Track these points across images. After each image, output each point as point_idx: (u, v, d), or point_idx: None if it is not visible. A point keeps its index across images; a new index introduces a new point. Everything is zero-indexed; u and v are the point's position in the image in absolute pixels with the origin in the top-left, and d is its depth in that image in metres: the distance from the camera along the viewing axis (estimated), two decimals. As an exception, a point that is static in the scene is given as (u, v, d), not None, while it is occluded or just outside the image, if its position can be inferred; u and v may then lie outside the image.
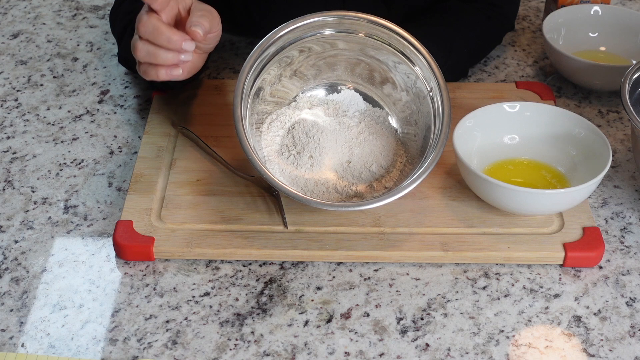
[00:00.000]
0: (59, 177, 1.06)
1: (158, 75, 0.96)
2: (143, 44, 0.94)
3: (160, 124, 1.10)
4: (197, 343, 0.86)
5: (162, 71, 0.95)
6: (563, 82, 1.23)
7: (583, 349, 0.85)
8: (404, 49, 1.01)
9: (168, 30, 0.93)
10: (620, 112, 1.17)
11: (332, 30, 1.01)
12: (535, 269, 0.94)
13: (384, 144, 1.03)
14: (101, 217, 1.00)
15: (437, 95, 0.99)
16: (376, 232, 0.95)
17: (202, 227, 0.96)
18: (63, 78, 1.24)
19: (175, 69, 0.96)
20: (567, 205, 0.95)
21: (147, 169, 1.03)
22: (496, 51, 1.29)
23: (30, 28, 1.36)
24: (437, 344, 0.86)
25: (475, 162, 1.00)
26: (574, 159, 1.01)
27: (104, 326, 0.87)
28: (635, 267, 0.94)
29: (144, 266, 0.94)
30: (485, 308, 0.89)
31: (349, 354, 0.85)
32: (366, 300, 0.90)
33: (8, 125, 1.15)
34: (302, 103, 1.06)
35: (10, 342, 0.86)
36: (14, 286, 0.92)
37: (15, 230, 0.99)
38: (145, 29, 0.93)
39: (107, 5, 1.41)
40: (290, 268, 0.94)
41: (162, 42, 0.93)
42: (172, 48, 0.94)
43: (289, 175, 0.99)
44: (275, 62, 1.01)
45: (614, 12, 1.26)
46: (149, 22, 0.93)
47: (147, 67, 0.96)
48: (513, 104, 1.03)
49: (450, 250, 0.93)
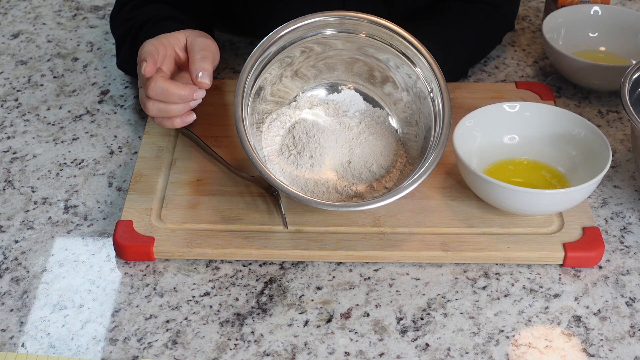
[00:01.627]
0: (59, 177, 1.06)
1: (174, 125, 0.99)
2: (153, 104, 0.96)
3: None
4: (197, 343, 0.86)
5: (177, 120, 0.98)
6: (563, 82, 1.23)
7: (583, 349, 0.85)
8: (405, 49, 1.01)
9: (177, 89, 0.95)
10: (620, 112, 1.17)
11: (333, 30, 1.01)
12: (535, 269, 0.94)
13: (385, 144, 1.03)
14: (101, 217, 1.01)
15: (437, 96, 0.99)
16: (376, 232, 0.96)
17: (202, 227, 0.96)
18: (63, 78, 1.24)
19: (189, 115, 0.99)
20: (567, 205, 0.95)
21: (147, 169, 1.03)
22: (496, 51, 1.29)
23: (30, 28, 1.36)
24: (437, 344, 0.86)
25: (475, 162, 1.00)
26: (574, 159, 1.01)
27: (104, 326, 0.87)
28: (635, 267, 0.94)
29: (144, 266, 0.94)
30: (485, 308, 0.90)
31: (349, 354, 0.85)
32: (366, 300, 0.90)
33: (8, 125, 1.15)
34: (303, 103, 1.06)
35: (10, 342, 0.86)
36: (14, 286, 0.92)
37: (16, 230, 0.99)
38: (154, 92, 0.95)
39: (107, 5, 1.41)
40: (290, 268, 0.94)
41: (173, 100, 0.96)
42: (184, 102, 0.96)
43: (289, 175, 0.99)
44: (276, 61, 1.01)
45: (613, 12, 1.26)
46: (156, 86, 0.95)
47: (162, 120, 0.98)
48: (513, 104, 1.03)
49: (450, 250, 0.93)
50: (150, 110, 0.96)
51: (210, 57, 0.98)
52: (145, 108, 0.97)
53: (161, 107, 0.96)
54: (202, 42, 0.99)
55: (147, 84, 0.95)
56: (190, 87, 0.96)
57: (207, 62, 0.97)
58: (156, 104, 0.96)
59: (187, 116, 0.98)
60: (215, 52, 1.01)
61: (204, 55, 0.97)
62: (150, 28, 1.07)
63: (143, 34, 1.07)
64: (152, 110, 0.96)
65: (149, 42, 0.98)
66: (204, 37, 1.01)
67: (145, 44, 0.98)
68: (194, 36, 1.00)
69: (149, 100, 0.96)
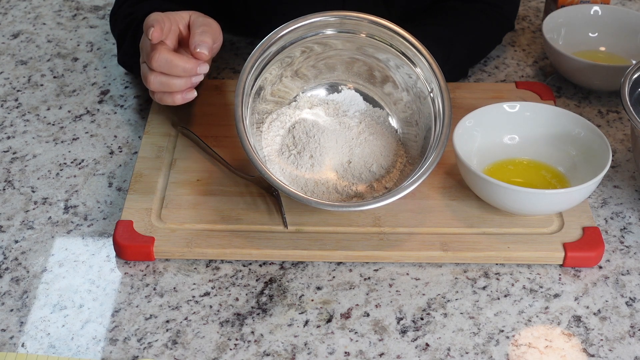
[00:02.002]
0: (59, 177, 1.06)
1: (174, 101, 0.98)
2: (155, 76, 0.95)
3: (160, 124, 1.10)
4: (197, 343, 0.86)
5: (177, 97, 0.97)
6: (563, 82, 1.23)
7: (583, 349, 0.85)
8: (406, 49, 1.01)
9: (181, 61, 0.95)
10: (620, 112, 1.17)
11: (333, 30, 1.01)
12: (535, 269, 0.94)
13: (385, 144, 1.03)
14: (101, 217, 1.01)
15: (437, 96, 0.99)
16: (376, 232, 0.96)
17: (202, 227, 0.96)
18: (63, 78, 1.24)
19: (190, 92, 0.98)
20: (567, 205, 0.95)
21: (147, 169, 1.03)
22: (496, 51, 1.29)
23: (30, 28, 1.36)
24: (437, 344, 0.86)
25: (475, 162, 1.00)
26: (573, 159, 1.01)
27: (104, 326, 0.87)
28: (635, 267, 0.94)
29: (144, 266, 0.94)
30: (485, 308, 0.89)
31: (349, 354, 0.85)
32: (366, 300, 0.90)
33: (8, 125, 1.15)
34: (303, 103, 1.06)
35: (10, 342, 0.86)
36: (14, 286, 0.92)
37: (16, 230, 0.99)
38: (158, 64, 0.94)
39: (107, 5, 1.41)
40: (290, 268, 0.94)
41: (176, 73, 0.95)
42: (186, 76, 0.95)
43: (289, 175, 0.99)
44: (276, 61, 1.01)
45: (613, 12, 1.26)
46: (160, 57, 0.94)
47: (162, 95, 0.98)
48: (513, 104, 1.03)
49: (450, 250, 0.93)
50: (152, 83, 0.96)
51: (210, 32, 0.98)
52: (146, 81, 0.96)
53: (163, 80, 0.95)
54: (204, 20, 0.99)
55: (151, 54, 0.94)
56: (194, 60, 0.95)
57: (207, 35, 0.97)
58: (158, 76, 0.95)
59: (189, 92, 0.97)
60: (217, 31, 1.00)
61: (203, 30, 0.97)
62: None
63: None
64: (154, 83, 0.96)
65: (156, 13, 0.98)
66: (207, 17, 1.01)
67: (152, 14, 0.97)
68: (197, 15, 1.00)
69: (152, 73, 0.95)
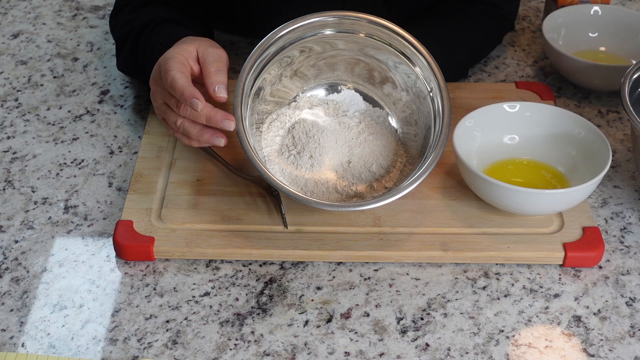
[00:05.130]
0: (59, 177, 1.06)
1: (192, 145, 0.99)
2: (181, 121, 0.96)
3: (160, 124, 1.10)
4: (197, 343, 0.86)
5: (195, 143, 0.98)
6: (563, 82, 1.23)
7: (583, 349, 0.85)
8: (405, 49, 1.01)
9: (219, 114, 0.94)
10: (620, 112, 1.17)
11: (332, 30, 1.01)
12: (535, 269, 0.94)
13: (384, 144, 1.03)
14: (101, 217, 1.01)
15: (437, 95, 0.99)
16: (376, 232, 0.96)
17: (202, 227, 0.96)
18: (63, 78, 1.24)
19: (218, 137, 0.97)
20: (567, 205, 0.95)
21: (147, 169, 1.03)
22: (496, 51, 1.29)
23: (30, 28, 1.36)
24: (437, 344, 0.86)
25: (475, 162, 1.00)
26: (574, 159, 1.01)
27: (104, 326, 0.87)
28: (635, 267, 0.94)
29: (144, 266, 0.94)
30: (485, 308, 0.89)
31: (349, 354, 0.85)
32: (366, 300, 0.90)
33: (8, 125, 1.15)
34: (302, 103, 1.06)
35: (10, 342, 0.86)
36: (14, 286, 0.92)
37: (16, 230, 0.99)
38: (185, 112, 0.95)
39: (107, 5, 1.41)
40: (290, 268, 0.94)
41: (201, 121, 0.95)
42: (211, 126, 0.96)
43: (289, 175, 0.99)
44: (275, 62, 1.01)
45: (613, 12, 1.26)
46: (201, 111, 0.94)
47: (182, 137, 0.98)
48: (513, 104, 1.03)
49: (450, 250, 0.93)
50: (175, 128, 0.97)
51: (225, 69, 0.98)
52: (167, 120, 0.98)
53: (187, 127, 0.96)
54: (214, 53, 0.98)
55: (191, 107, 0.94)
56: (222, 112, 0.94)
57: (222, 74, 0.96)
58: (185, 123, 0.96)
59: (216, 137, 0.96)
60: (228, 63, 1.00)
61: (218, 68, 0.96)
62: (151, 31, 1.07)
63: (144, 38, 1.07)
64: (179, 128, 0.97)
65: (176, 71, 0.95)
66: (214, 47, 1.00)
67: (174, 73, 0.94)
68: (204, 47, 0.99)
69: (177, 117, 0.96)
